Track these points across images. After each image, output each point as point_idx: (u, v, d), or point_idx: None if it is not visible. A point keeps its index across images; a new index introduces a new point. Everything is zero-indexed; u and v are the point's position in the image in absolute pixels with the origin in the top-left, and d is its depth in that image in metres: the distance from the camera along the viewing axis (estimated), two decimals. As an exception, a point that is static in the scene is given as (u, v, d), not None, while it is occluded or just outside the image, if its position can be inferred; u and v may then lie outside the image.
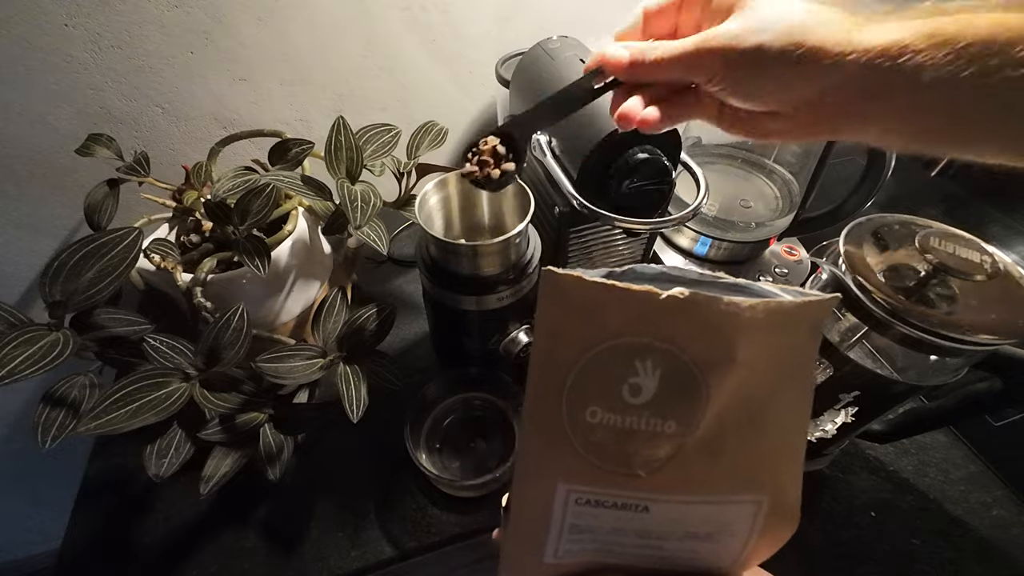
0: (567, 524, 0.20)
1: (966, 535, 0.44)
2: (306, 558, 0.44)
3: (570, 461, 0.19)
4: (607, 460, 0.18)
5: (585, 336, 0.18)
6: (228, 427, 0.40)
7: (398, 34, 0.62)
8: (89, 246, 0.35)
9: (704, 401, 0.17)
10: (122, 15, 0.52)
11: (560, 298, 0.18)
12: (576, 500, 0.19)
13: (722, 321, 0.16)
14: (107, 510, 0.47)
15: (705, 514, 0.19)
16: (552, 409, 0.19)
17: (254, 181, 0.42)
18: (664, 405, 0.18)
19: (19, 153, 0.57)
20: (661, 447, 0.18)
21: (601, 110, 0.42)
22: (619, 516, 0.19)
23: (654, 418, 0.18)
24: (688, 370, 0.17)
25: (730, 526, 0.19)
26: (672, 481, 0.19)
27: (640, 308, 0.17)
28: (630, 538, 0.20)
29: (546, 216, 0.50)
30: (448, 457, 0.48)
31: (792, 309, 0.17)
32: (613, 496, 0.19)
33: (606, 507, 0.19)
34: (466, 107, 0.73)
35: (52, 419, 0.35)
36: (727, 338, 0.17)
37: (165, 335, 0.39)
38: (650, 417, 0.18)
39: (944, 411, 0.41)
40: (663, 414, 0.18)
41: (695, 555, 0.20)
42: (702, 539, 0.20)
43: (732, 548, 0.20)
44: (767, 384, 0.18)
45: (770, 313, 0.16)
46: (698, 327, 0.17)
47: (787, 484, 0.19)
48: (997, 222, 0.74)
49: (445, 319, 0.50)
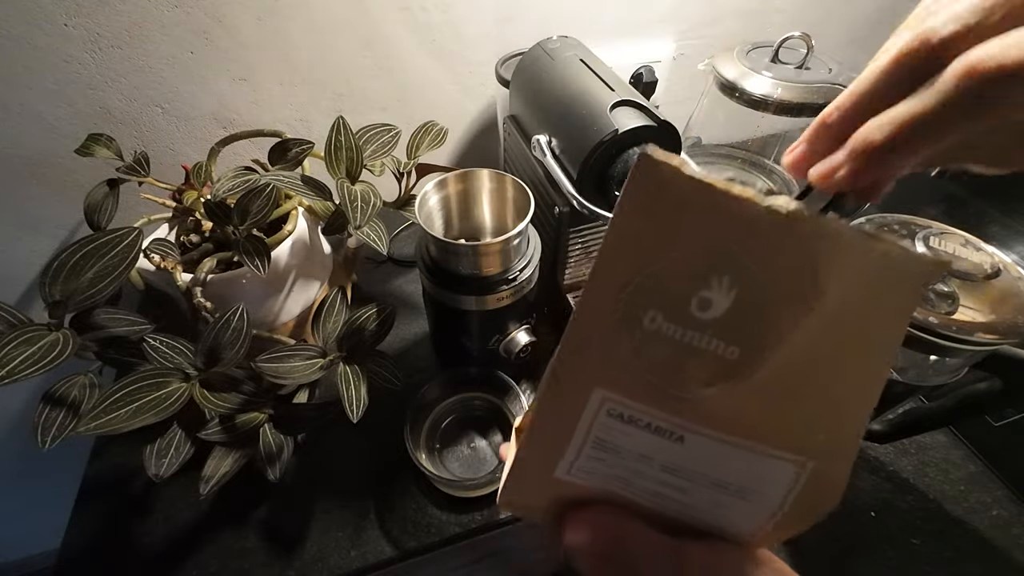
0: (592, 437, 0.18)
1: (966, 535, 0.44)
2: (306, 558, 0.44)
3: (614, 367, 0.17)
4: (655, 373, 0.17)
5: (666, 235, 0.16)
6: (228, 427, 0.40)
7: (398, 34, 0.62)
8: (89, 246, 0.35)
9: (776, 335, 0.16)
10: (122, 15, 0.52)
11: (652, 187, 0.15)
12: (609, 411, 0.18)
13: (820, 247, 0.14)
14: (107, 510, 0.47)
15: (742, 463, 0.18)
16: (608, 308, 0.17)
17: (254, 181, 0.42)
18: (732, 328, 0.16)
19: (19, 153, 0.57)
20: (717, 372, 0.16)
21: (601, 110, 0.42)
22: (650, 441, 0.18)
23: (717, 339, 0.16)
24: (767, 295, 0.15)
25: (765, 485, 0.18)
26: (718, 413, 0.17)
27: (734, 215, 0.15)
28: (654, 471, 0.19)
29: (546, 216, 0.50)
30: (448, 457, 0.48)
31: (904, 258, 0.14)
32: (650, 415, 0.17)
33: (639, 427, 0.18)
34: (466, 107, 0.73)
35: (52, 419, 0.35)
36: (820, 269, 0.15)
37: (165, 335, 0.39)
38: (713, 336, 0.16)
39: (944, 411, 0.41)
40: (728, 337, 0.16)
41: (717, 511, 0.19)
42: (731, 492, 0.18)
43: (760, 512, 0.18)
44: (850, 339, 0.16)
45: (881, 254, 0.14)
46: (791, 249, 0.15)
47: (838, 455, 0.17)
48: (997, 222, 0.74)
49: (445, 319, 0.50)
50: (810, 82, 0.51)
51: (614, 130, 0.40)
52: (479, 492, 0.46)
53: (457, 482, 0.44)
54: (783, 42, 0.54)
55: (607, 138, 0.40)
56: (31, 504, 0.93)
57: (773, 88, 0.51)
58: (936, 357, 0.36)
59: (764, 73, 0.53)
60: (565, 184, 0.43)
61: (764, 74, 0.52)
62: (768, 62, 0.54)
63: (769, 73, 0.52)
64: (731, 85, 0.54)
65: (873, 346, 0.16)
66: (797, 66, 0.53)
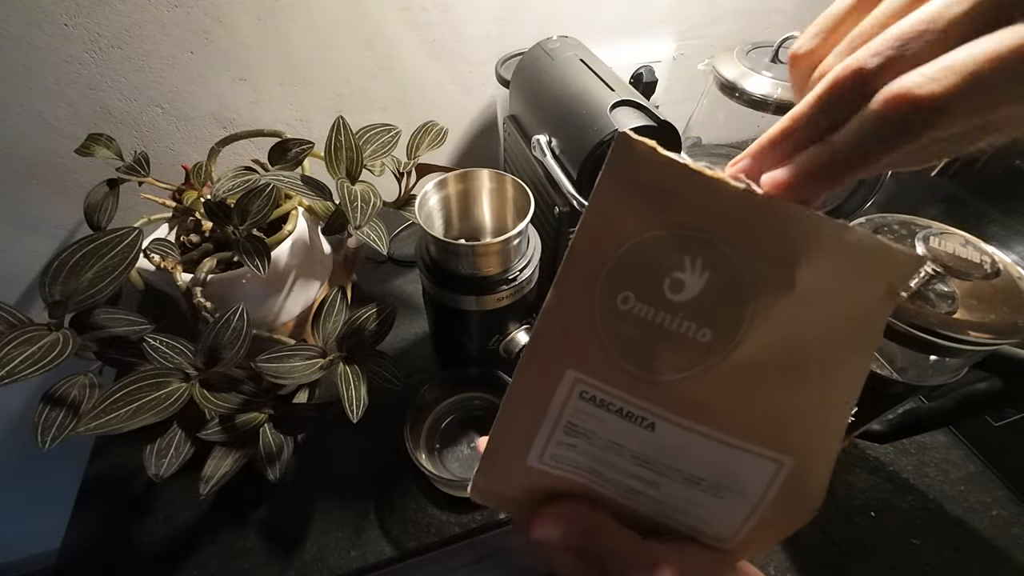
0: (563, 421, 0.18)
1: (966, 535, 0.44)
2: (306, 558, 0.44)
3: (586, 347, 0.17)
4: (627, 354, 0.17)
5: (641, 216, 0.16)
6: (228, 427, 0.40)
7: (398, 34, 0.62)
8: (89, 246, 0.35)
9: (748, 321, 0.15)
10: (122, 15, 0.52)
11: (627, 168, 0.15)
12: (581, 394, 0.18)
13: (793, 233, 0.14)
14: (107, 510, 0.47)
15: (716, 456, 0.17)
16: (583, 288, 0.17)
17: (254, 181, 0.42)
18: (704, 310, 0.16)
19: (19, 153, 0.57)
20: (688, 356, 0.16)
21: (601, 110, 0.42)
22: (621, 427, 0.18)
23: (689, 321, 0.16)
24: (739, 279, 0.15)
25: (741, 482, 0.17)
26: (689, 399, 0.17)
27: (707, 197, 0.15)
28: (625, 462, 0.18)
29: (546, 216, 0.50)
30: (448, 457, 0.48)
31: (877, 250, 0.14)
32: (622, 400, 0.17)
33: (610, 411, 0.17)
34: (466, 107, 0.73)
35: (52, 419, 0.35)
36: (793, 255, 0.15)
37: (165, 335, 0.39)
38: (685, 319, 0.16)
39: (944, 411, 0.41)
40: (700, 320, 0.16)
41: (691, 510, 0.18)
42: (704, 489, 0.18)
43: (735, 513, 0.18)
44: (824, 332, 0.16)
45: (852, 245, 0.14)
46: (764, 233, 0.15)
47: (818, 454, 0.17)
48: (997, 222, 0.74)
49: (445, 319, 0.50)
50: (810, 82, 0.51)
51: (614, 130, 0.40)
52: (479, 492, 0.46)
53: (457, 482, 0.44)
54: (783, 42, 0.54)
55: (607, 138, 0.40)
56: (31, 504, 0.93)
57: (773, 88, 0.52)
58: (936, 357, 0.36)
59: (764, 73, 0.53)
60: (565, 184, 0.43)
61: (764, 74, 0.52)
62: (768, 62, 0.54)
63: (769, 73, 0.52)
64: (731, 85, 0.54)
65: (849, 340, 0.16)
66: (797, 66, 0.53)
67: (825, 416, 0.17)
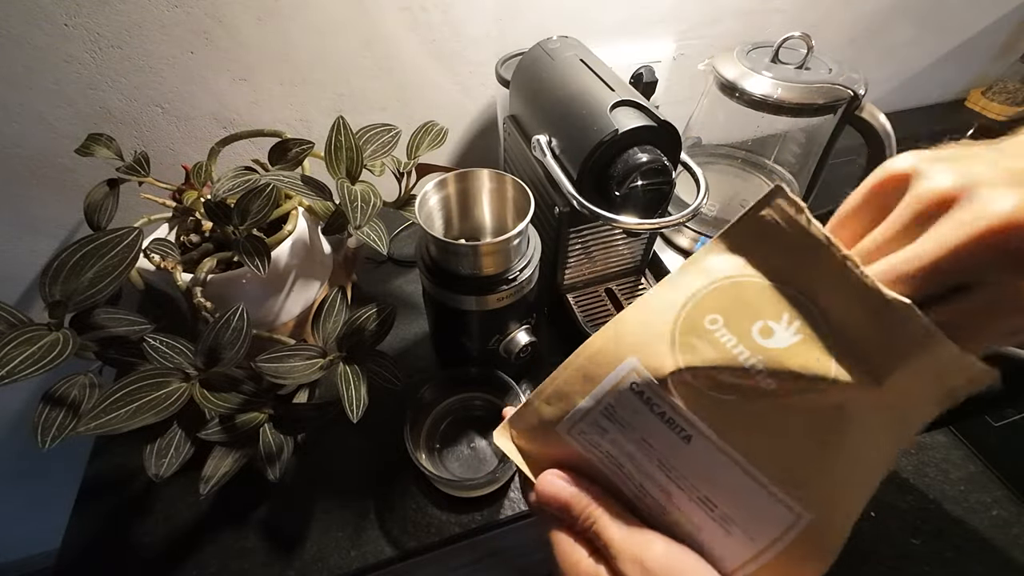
0: (605, 403, 0.19)
1: (966, 535, 0.44)
2: (306, 558, 0.44)
3: (656, 343, 0.18)
4: (692, 359, 0.17)
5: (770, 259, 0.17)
6: (228, 427, 0.40)
7: (398, 34, 0.62)
8: (89, 246, 0.35)
9: (817, 392, 0.16)
10: (122, 15, 0.52)
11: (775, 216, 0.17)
12: (632, 385, 0.18)
13: (907, 342, 0.15)
14: (107, 510, 0.47)
15: (738, 486, 0.17)
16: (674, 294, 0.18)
17: (254, 181, 0.42)
18: (780, 364, 0.16)
19: (19, 153, 0.57)
20: (744, 388, 0.17)
21: (601, 110, 0.42)
22: (658, 430, 0.18)
23: (763, 367, 0.16)
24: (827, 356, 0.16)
25: (754, 522, 0.18)
26: (731, 423, 0.17)
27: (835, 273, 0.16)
28: (649, 464, 0.19)
29: (546, 216, 0.50)
30: (448, 457, 0.48)
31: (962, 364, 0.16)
32: (669, 405, 0.18)
33: (654, 412, 0.18)
34: (466, 107, 0.73)
35: (52, 419, 0.35)
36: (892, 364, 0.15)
37: (165, 335, 0.39)
38: (761, 362, 0.16)
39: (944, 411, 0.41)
40: (773, 371, 0.16)
41: (694, 532, 0.19)
42: (715, 518, 0.18)
43: (739, 549, 0.18)
44: (884, 423, 0.17)
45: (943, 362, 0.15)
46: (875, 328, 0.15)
47: (836, 520, 0.17)
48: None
49: (445, 319, 0.50)
50: (810, 82, 0.51)
51: (614, 130, 0.40)
52: (479, 492, 0.46)
53: (457, 482, 0.44)
54: (783, 42, 0.54)
55: (607, 138, 0.40)
56: (31, 504, 0.93)
57: (773, 88, 0.51)
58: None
59: (764, 73, 0.53)
60: (565, 184, 0.43)
61: (764, 74, 0.52)
62: (768, 62, 0.54)
63: (769, 73, 0.52)
64: (731, 85, 0.54)
65: (895, 436, 0.17)
66: (797, 66, 0.53)
67: (853, 482, 0.17)
